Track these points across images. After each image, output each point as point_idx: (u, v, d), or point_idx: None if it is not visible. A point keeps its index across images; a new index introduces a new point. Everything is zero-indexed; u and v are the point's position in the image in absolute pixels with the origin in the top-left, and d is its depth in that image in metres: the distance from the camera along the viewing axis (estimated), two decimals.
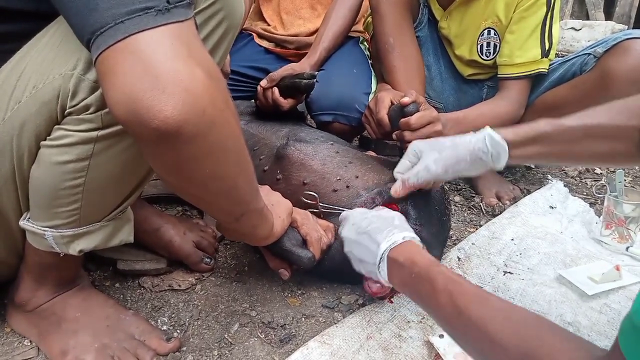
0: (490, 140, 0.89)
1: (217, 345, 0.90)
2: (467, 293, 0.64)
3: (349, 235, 0.87)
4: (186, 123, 0.54)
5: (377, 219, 0.85)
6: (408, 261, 0.75)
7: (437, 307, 0.67)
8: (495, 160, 0.90)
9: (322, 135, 1.24)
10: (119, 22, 0.53)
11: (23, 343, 0.88)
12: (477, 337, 0.60)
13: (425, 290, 0.70)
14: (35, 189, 0.71)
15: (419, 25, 1.50)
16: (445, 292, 0.66)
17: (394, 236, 0.79)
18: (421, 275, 0.71)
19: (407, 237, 0.79)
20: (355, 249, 0.85)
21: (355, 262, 0.87)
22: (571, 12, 3.67)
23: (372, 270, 0.81)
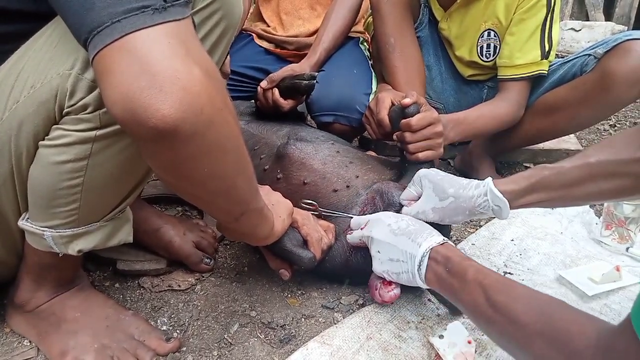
0: (491, 196, 0.89)
1: (217, 345, 0.90)
2: (495, 282, 0.71)
3: (382, 237, 0.89)
4: (183, 122, 0.54)
5: (415, 222, 0.90)
6: (443, 258, 0.80)
7: (467, 297, 0.73)
8: (496, 213, 0.90)
9: (322, 134, 1.24)
10: (116, 21, 0.53)
11: (22, 343, 0.88)
12: (501, 320, 0.66)
13: (457, 282, 0.76)
14: (34, 189, 0.71)
15: (420, 26, 1.50)
16: (475, 282, 0.72)
17: (434, 238, 0.84)
18: (454, 269, 0.77)
19: (445, 240, 0.84)
20: (389, 250, 0.88)
21: (384, 263, 0.90)
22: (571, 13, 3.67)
23: (408, 270, 0.85)
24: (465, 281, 0.74)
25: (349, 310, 0.99)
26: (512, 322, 0.64)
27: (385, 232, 0.90)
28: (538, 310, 0.63)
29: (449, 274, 0.78)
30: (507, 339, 0.66)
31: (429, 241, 0.83)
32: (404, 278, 0.87)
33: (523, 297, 0.67)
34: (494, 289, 0.69)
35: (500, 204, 0.88)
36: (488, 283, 0.71)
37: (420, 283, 0.84)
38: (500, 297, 0.68)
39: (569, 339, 0.57)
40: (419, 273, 0.83)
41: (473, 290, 0.72)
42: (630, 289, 1.04)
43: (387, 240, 0.88)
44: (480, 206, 0.90)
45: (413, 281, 0.85)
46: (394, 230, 0.89)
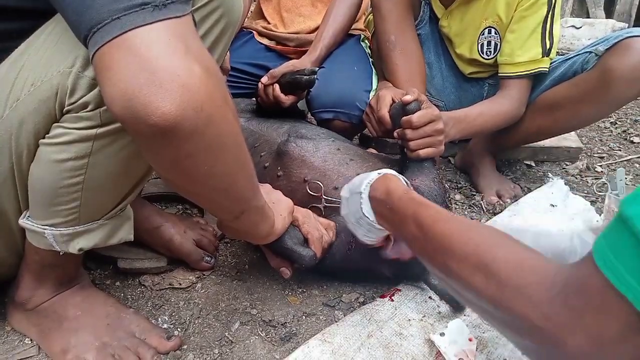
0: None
1: (218, 343, 0.90)
2: (433, 213, 0.67)
3: (344, 195, 0.88)
4: (183, 119, 0.54)
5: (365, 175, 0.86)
6: (384, 194, 0.77)
7: (406, 232, 0.69)
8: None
9: (323, 131, 1.24)
10: (116, 18, 0.53)
11: (24, 342, 0.88)
12: (439, 251, 0.61)
13: (398, 218, 0.73)
14: (35, 187, 0.71)
15: (420, 23, 1.50)
16: (414, 215, 0.68)
17: (370, 175, 0.81)
18: (394, 207, 0.74)
19: (382, 172, 0.80)
20: (351, 209, 0.85)
21: (353, 225, 0.87)
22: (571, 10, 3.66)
23: (361, 219, 0.81)
24: (405, 215, 0.70)
25: (349, 308, 0.99)
26: (451, 253, 0.58)
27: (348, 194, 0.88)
28: (478, 240, 0.56)
29: (390, 212, 0.75)
30: (447, 271, 0.59)
31: (367, 182, 0.80)
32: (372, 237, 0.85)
33: (462, 227, 0.61)
34: (429, 221, 0.65)
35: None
36: (423, 215, 0.67)
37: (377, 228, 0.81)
38: (437, 228, 0.63)
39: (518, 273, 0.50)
40: (367, 218, 0.80)
41: (410, 226, 0.68)
42: None
43: (350, 198, 0.87)
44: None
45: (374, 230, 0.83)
46: (352, 189, 0.86)
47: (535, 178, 1.59)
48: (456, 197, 1.46)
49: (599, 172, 1.66)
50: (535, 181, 1.56)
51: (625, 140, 1.93)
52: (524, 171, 1.64)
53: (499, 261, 0.52)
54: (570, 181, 1.57)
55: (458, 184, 1.53)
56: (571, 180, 1.58)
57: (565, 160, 1.70)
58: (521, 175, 1.61)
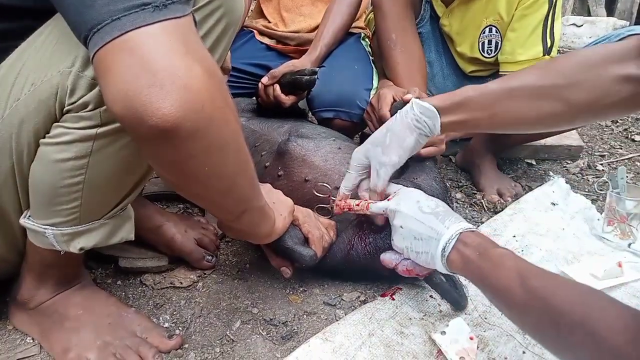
0: (418, 107, 0.88)
1: (219, 342, 0.90)
2: (532, 267, 0.68)
3: (409, 211, 0.85)
4: (184, 120, 0.54)
5: (443, 205, 0.87)
6: (475, 242, 0.77)
7: (498, 281, 0.69)
8: (431, 128, 0.89)
9: (324, 131, 1.24)
10: (116, 18, 0.52)
11: (25, 341, 0.88)
12: (537, 304, 0.63)
13: (489, 264, 0.72)
14: (35, 187, 0.71)
15: (421, 22, 1.50)
16: (512, 266, 0.69)
17: (463, 223, 0.81)
18: (487, 252, 0.74)
19: (472, 227, 0.81)
20: (414, 226, 0.84)
21: (406, 238, 0.86)
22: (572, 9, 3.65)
23: (429, 250, 0.81)
24: (498, 265, 0.71)
25: (350, 307, 0.99)
26: (550, 309, 0.61)
27: (413, 208, 0.86)
28: (579, 299, 0.60)
29: (480, 257, 0.74)
30: (543, 327, 0.63)
31: (459, 225, 0.80)
32: (422, 258, 0.84)
33: (563, 284, 0.64)
34: (531, 274, 0.66)
35: (430, 115, 0.88)
36: (524, 267, 0.68)
37: (440, 265, 0.81)
38: (537, 282, 0.64)
39: (611, 333, 0.54)
40: (442, 255, 0.79)
41: (507, 275, 0.68)
42: (632, 284, 1.04)
43: (414, 216, 0.84)
44: (413, 120, 0.89)
45: (431, 263, 0.82)
46: (422, 208, 0.85)
47: (536, 176, 1.59)
48: (457, 195, 1.46)
49: (600, 170, 1.66)
50: (536, 180, 1.56)
51: (627, 138, 1.93)
52: (524, 170, 1.64)
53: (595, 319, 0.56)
54: (571, 180, 1.57)
55: (459, 183, 1.53)
56: (572, 179, 1.58)
57: (566, 159, 1.70)
58: (522, 173, 1.61)
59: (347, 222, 1.03)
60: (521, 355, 0.86)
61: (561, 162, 1.69)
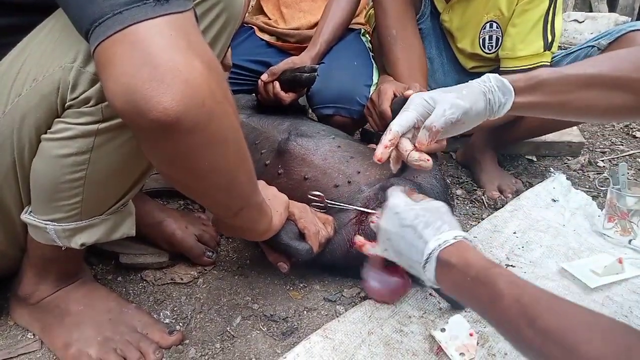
0: (496, 81, 0.85)
1: (220, 338, 0.90)
2: (536, 297, 0.58)
3: (390, 227, 0.79)
4: (185, 114, 0.54)
5: (425, 211, 0.76)
6: (461, 262, 0.66)
7: (501, 314, 0.60)
8: (499, 107, 0.86)
9: (323, 129, 1.24)
10: (117, 12, 0.52)
11: (26, 336, 0.88)
12: (554, 349, 0.53)
13: (485, 295, 0.62)
14: (37, 183, 0.71)
15: (422, 18, 1.49)
16: (511, 297, 0.58)
17: (444, 234, 0.70)
18: (479, 279, 0.63)
19: (459, 236, 0.70)
20: (396, 242, 0.77)
21: (394, 253, 0.80)
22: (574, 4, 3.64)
23: (415, 268, 0.74)
24: (497, 295, 0.60)
25: (350, 303, 0.99)
26: (570, 351, 0.52)
27: (394, 221, 0.78)
28: (602, 337, 0.51)
29: (471, 283, 0.64)
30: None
31: (437, 239, 0.70)
32: (412, 272, 0.77)
33: (579, 320, 0.54)
34: (538, 311, 0.56)
35: (506, 92, 0.85)
36: (528, 302, 0.57)
37: (429, 283, 0.73)
38: (549, 322, 0.54)
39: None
40: (425, 274, 0.71)
41: (510, 311, 0.58)
42: (633, 281, 1.04)
43: (395, 231, 0.77)
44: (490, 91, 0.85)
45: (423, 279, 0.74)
46: (401, 221, 0.77)
47: (537, 173, 1.59)
48: (458, 192, 1.46)
49: (601, 167, 1.66)
50: (536, 176, 1.56)
51: (628, 135, 1.93)
52: (525, 166, 1.63)
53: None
54: (572, 176, 1.57)
55: (460, 179, 1.53)
56: (573, 175, 1.58)
57: (567, 155, 1.70)
58: (523, 170, 1.61)
59: (346, 218, 1.03)
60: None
61: (562, 159, 1.69)
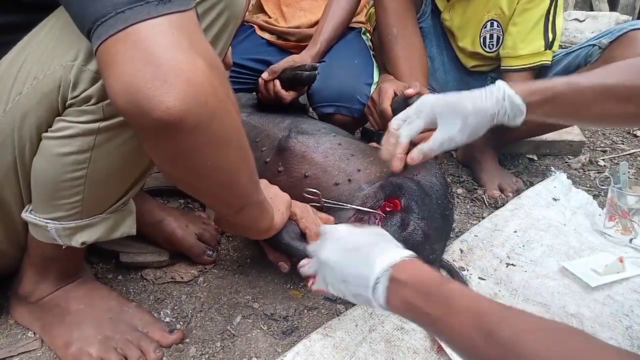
0: (510, 103, 0.86)
1: (220, 337, 0.90)
2: (492, 310, 0.55)
3: (331, 256, 0.72)
4: (187, 114, 0.54)
5: (367, 235, 0.72)
6: (413, 279, 0.62)
7: (454, 329, 0.57)
8: (510, 120, 0.88)
9: (324, 126, 1.24)
10: (120, 11, 0.52)
11: (27, 335, 0.88)
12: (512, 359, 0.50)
13: (438, 310, 0.59)
14: (37, 181, 0.71)
15: (422, 16, 1.49)
16: (465, 311, 0.56)
17: (392, 252, 0.66)
18: (432, 294, 0.60)
19: (406, 255, 0.66)
20: (339, 269, 0.70)
21: (335, 284, 0.72)
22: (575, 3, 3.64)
23: (362, 294, 0.67)
24: (451, 310, 0.57)
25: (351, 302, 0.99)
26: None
27: (335, 249, 0.72)
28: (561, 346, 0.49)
29: (424, 300, 0.60)
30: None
31: (386, 258, 0.65)
32: (360, 301, 0.70)
33: (535, 329, 0.52)
34: (494, 323, 0.53)
35: (517, 111, 0.86)
36: (483, 314, 0.55)
37: (379, 309, 0.67)
38: (505, 333, 0.51)
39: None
40: (374, 297, 0.65)
41: (465, 325, 0.55)
42: (634, 280, 1.04)
43: (336, 259, 0.71)
44: (500, 114, 0.87)
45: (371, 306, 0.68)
46: (344, 246, 0.71)
47: (538, 172, 1.59)
48: (458, 191, 1.46)
49: (601, 166, 1.66)
50: (537, 175, 1.56)
51: (629, 134, 1.93)
52: (526, 165, 1.63)
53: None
54: (573, 175, 1.57)
55: (460, 178, 1.53)
56: (574, 174, 1.58)
57: (567, 154, 1.70)
58: (523, 169, 1.61)
59: (346, 217, 1.03)
60: None
61: (563, 158, 1.69)
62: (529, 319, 0.53)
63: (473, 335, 0.54)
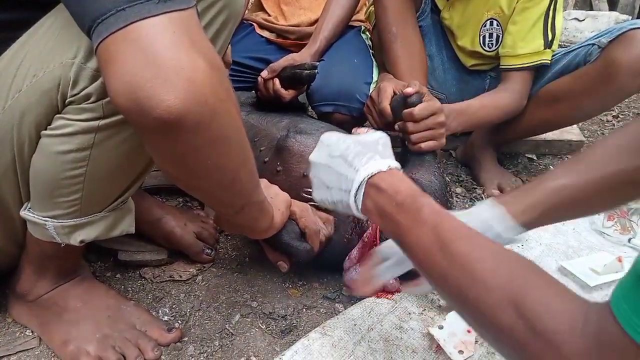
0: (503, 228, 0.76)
1: (218, 335, 0.90)
2: (454, 227, 0.57)
3: (319, 159, 0.75)
4: (188, 113, 0.53)
5: (357, 143, 0.72)
6: (391, 189, 0.65)
7: (416, 238, 0.60)
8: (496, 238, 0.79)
9: (323, 126, 1.23)
10: (121, 9, 0.52)
11: (25, 333, 0.88)
12: (459, 274, 0.54)
13: (407, 220, 0.61)
14: (36, 179, 0.71)
15: (422, 15, 1.49)
16: (430, 223, 0.58)
17: (377, 163, 0.68)
18: (404, 205, 0.62)
19: (392, 165, 0.68)
20: (324, 174, 0.74)
21: (320, 189, 0.76)
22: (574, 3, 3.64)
23: (342, 199, 0.70)
24: (417, 221, 0.60)
25: (350, 301, 0.99)
26: (475, 280, 0.52)
27: (323, 154, 0.75)
28: (509, 271, 0.51)
29: (396, 208, 0.63)
30: (465, 297, 0.53)
31: (370, 166, 0.67)
32: (339, 207, 0.73)
33: (489, 251, 0.54)
34: (452, 238, 0.56)
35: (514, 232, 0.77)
36: (445, 229, 0.57)
37: (357, 213, 0.70)
38: (460, 248, 0.54)
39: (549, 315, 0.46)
40: (355, 203, 0.68)
41: (426, 236, 0.58)
42: None
43: (324, 163, 0.74)
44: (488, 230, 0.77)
45: (349, 211, 0.71)
46: (331, 152, 0.73)
47: (537, 171, 1.59)
48: (457, 190, 1.46)
49: None
50: (536, 174, 1.56)
51: None
52: (525, 164, 1.63)
53: (531, 301, 0.48)
54: None
55: (459, 177, 1.53)
56: None
57: (567, 154, 1.70)
58: (523, 168, 1.61)
59: (345, 217, 1.03)
60: None
61: (562, 157, 1.69)
62: (487, 243, 0.55)
63: (431, 246, 0.57)
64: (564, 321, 0.45)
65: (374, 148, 0.72)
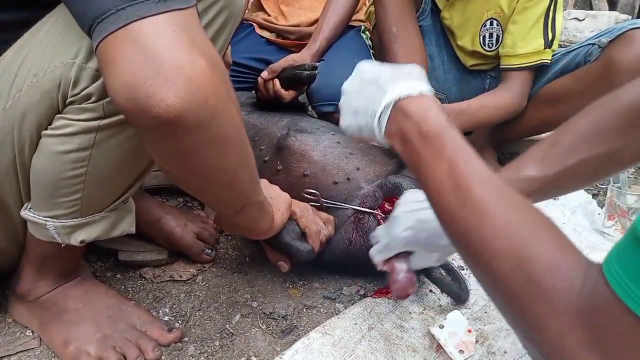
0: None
1: (219, 335, 0.90)
2: (473, 169, 0.55)
3: (351, 86, 0.72)
4: (188, 112, 0.53)
5: (392, 69, 0.68)
6: (418, 115, 0.60)
7: (433, 173, 0.57)
8: None
9: (323, 125, 1.23)
10: (121, 8, 0.52)
11: (25, 333, 0.88)
12: (468, 216, 0.52)
13: (428, 152, 0.58)
14: (37, 179, 0.71)
15: (422, 15, 1.49)
16: (449, 162, 0.55)
17: (408, 85, 0.63)
18: (429, 136, 0.58)
19: (424, 90, 0.63)
20: (354, 99, 0.70)
21: (347, 114, 0.72)
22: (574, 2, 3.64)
23: (367, 123, 0.67)
24: (437, 156, 0.57)
25: (350, 301, 0.99)
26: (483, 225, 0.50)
27: (355, 80, 0.72)
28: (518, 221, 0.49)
29: (420, 138, 0.59)
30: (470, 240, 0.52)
31: (399, 89, 0.62)
32: (364, 133, 0.69)
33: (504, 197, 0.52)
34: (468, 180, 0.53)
35: None
36: (463, 170, 0.54)
37: (379, 137, 0.66)
38: (475, 191, 0.52)
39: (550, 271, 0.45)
40: (379, 125, 0.64)
41: (441, 173, 0.55)
42: None
43: (354, 88, 0.71)
44: None
45: (373, 136, 0.68)
46: (363, 78, 0.70)
47: None
48: None
49: None
50: None
51: None
52: None
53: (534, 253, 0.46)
54: None
55: None
56: None
57: None
58: None
59: (345, 217, 1.03)
60: (521, 350, 0.86)
61: None
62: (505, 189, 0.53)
63: (443, 184, 0.55)
64: (563, 278, 0.44)
65: (410, 74, 0.67)
